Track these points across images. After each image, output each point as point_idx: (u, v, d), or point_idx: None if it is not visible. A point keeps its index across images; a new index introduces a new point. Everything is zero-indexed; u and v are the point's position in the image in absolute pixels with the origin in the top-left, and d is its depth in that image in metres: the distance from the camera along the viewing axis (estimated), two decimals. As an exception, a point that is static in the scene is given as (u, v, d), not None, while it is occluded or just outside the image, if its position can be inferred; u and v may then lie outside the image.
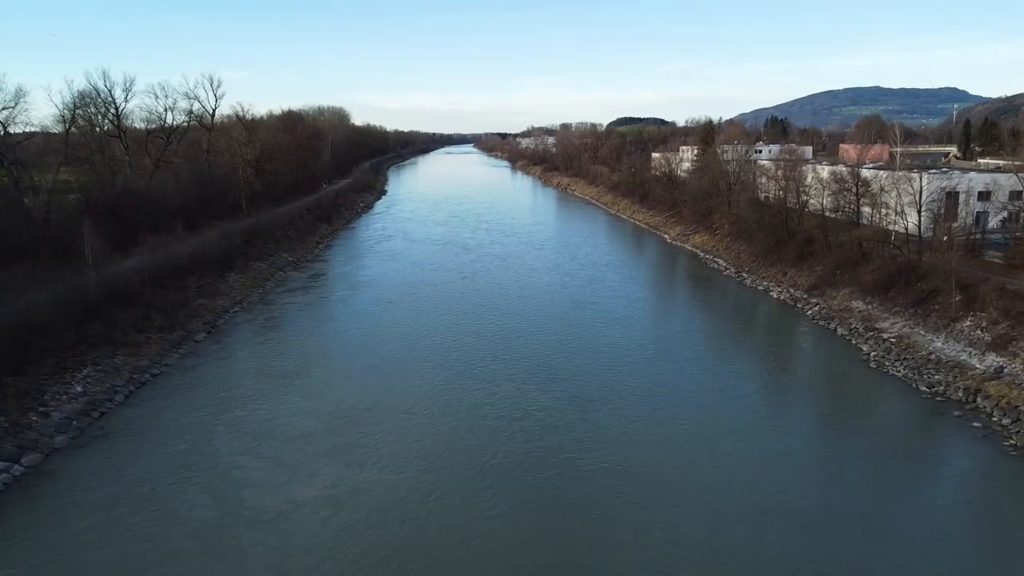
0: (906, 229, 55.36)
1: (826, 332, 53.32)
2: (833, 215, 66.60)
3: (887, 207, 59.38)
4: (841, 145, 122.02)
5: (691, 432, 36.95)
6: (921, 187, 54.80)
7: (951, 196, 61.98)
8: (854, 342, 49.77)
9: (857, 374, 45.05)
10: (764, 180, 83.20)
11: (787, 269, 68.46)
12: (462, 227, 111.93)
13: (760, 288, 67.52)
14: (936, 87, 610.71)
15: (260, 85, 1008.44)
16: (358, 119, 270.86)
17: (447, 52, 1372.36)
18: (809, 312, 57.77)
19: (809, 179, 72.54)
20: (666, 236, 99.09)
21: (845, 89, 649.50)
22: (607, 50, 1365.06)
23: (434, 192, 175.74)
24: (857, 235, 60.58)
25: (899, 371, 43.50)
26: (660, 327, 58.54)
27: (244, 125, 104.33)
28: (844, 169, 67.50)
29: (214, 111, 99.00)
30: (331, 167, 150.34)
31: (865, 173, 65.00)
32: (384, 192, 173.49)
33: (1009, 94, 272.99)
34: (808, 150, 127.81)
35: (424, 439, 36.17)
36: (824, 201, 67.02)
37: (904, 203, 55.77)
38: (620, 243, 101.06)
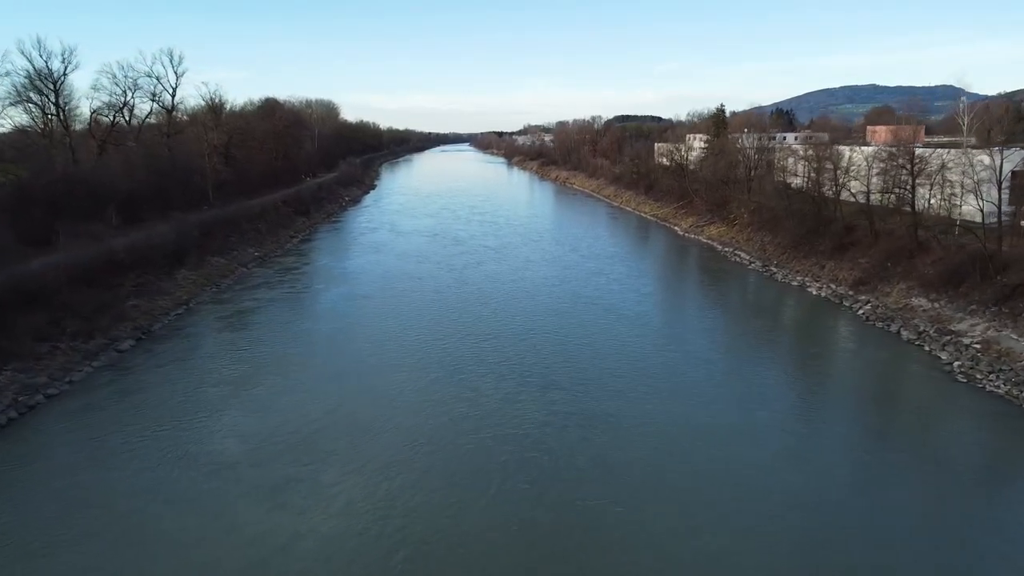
0: (982, 211, 46.21)
1: (886, 335, 44.18)
2: (880, 199, 57.46)
3: (951, 184, 50.34)
4: (869, 127, 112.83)
5: (731, 459, 28.20)
6: (1002, 161, 45.63)
7: (1016, 176, 53.07)
8: (927, 348, 40.58)
9: (941, 389, 35.80)
10: (791, 162, 74.17)
11: (824, 262, 59.43)
12: (454, 219, 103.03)
13: (795, 284, 58.37)
14: (932, 84, 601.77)
15: (260, 85, 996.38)
16: (357, 118, 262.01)
17: (446, 52, 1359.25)
18: (860, 311, 48.59)
19: (846, 159, 63.40)
20: (677, 228, 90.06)
21: (842, 87, 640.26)
22: (605, 50, 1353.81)
23: (426, 185, 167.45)
24: (914, 221, 51.47)
25: (998, 386, 34.21)
26: (680, 326, 49.55)
27: (211, 107, 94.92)
28: (893, 148, 58.19)
29: (175, 90, 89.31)
30: (318, 160, 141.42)
31: (920, 150, 55.87)
32: (374, 186, 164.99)
33: (1008, 90, 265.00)
34: (824, 136, 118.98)
35: (385, 471, 27.46)
36: (870, 183, 57.84)
37: (979, 179, 46.54)
38: (625, 235, 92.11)
